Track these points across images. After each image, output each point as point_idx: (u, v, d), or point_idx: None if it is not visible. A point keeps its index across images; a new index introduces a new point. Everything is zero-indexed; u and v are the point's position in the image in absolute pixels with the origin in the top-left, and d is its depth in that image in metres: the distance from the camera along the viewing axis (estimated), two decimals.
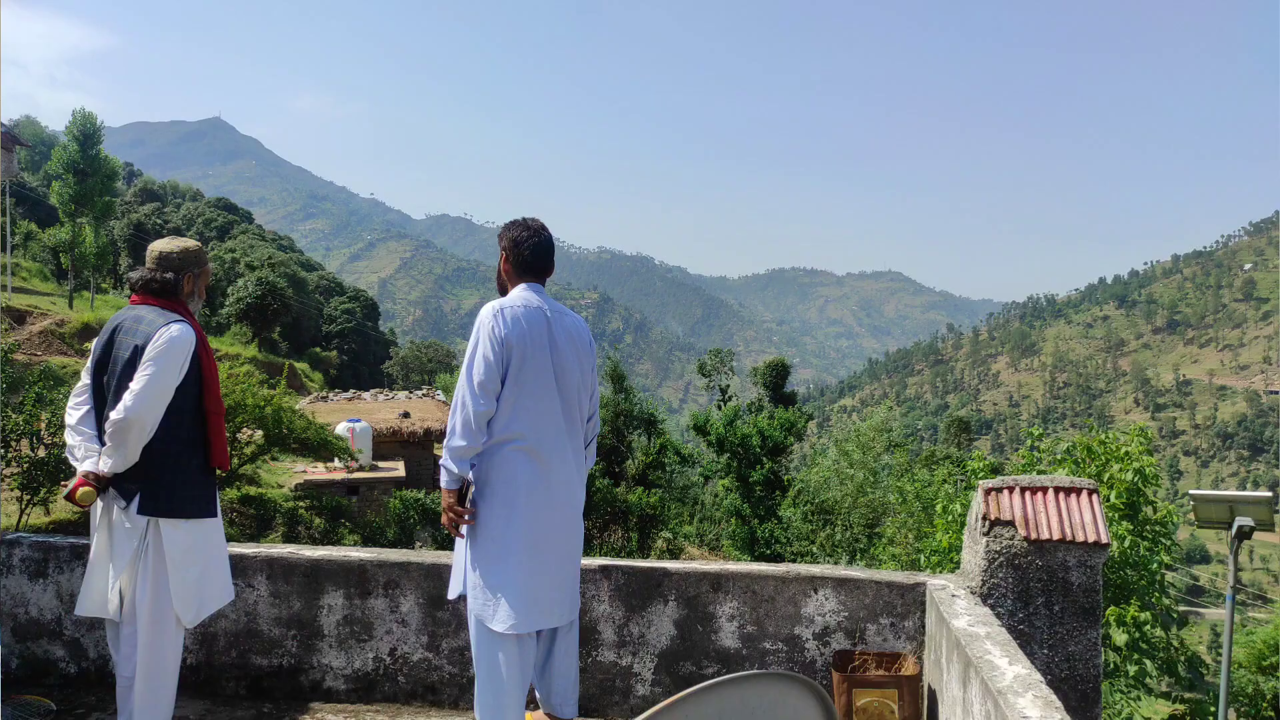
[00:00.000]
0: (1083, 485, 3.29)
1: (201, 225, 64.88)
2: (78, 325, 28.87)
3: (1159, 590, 9.07)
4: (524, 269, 3.23)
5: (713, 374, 33.27)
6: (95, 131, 35.19)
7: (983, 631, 2.83)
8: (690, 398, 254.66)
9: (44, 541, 3.80)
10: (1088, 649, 3.19)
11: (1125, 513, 9.05)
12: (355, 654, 3.71)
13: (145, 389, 3.02)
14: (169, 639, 3.11)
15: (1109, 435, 9.62)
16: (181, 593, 3.10)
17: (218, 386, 3.28)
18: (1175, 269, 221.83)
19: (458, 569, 3.21)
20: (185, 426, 3.15)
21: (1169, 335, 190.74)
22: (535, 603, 3.04)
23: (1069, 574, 3.21)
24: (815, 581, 3.56)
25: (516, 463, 3.05)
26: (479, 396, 2.99)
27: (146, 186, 74.76)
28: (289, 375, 35.17)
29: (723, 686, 1.73)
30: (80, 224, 35.35)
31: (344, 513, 16.84)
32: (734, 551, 23.00)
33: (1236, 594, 9.46)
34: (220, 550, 3.31)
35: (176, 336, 3.10)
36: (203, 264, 3.34)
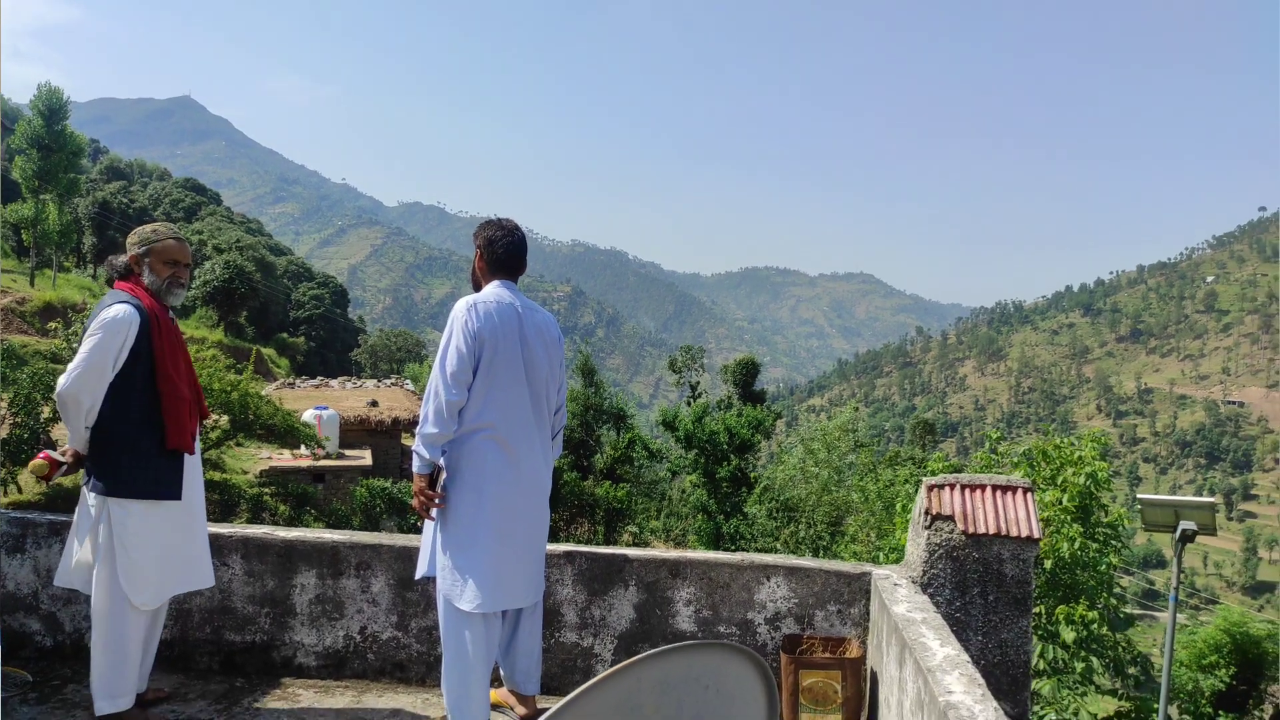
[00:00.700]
0: (1018, 484, 3.53)
1: (169, 205, 63.92)
2: (39, 304, 28.45)
3: (1107, 591, 9.42)
4: (497, 267, 3.40)
5: (683, 370, 33.50)
6: (61, 106, 34.60)
7: (919, 617, 3.05)
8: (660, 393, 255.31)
9: (21, 518, 3.91)
10: (1019, 636, 3.43)
11: (1077, 515, 9.38)
12: (326, 632, 3.86)
13: (76, 366, 3.11)
14: (123, 617, 3.16)
15: (1064, 440, 9.96)
16: (131, 574, 3.15)
17: (174, 367, 3.26)
18: (1140, 279, 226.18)
19: (425, 550, 3.37)
20: (135, 407, 3.18)
21: (1132, 344, 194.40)
22: (501, 584, 3.21)
23: (1003, 566, 3.45)
24: (768, 570, 3.77)
25: (486, 451, 3.22)
26: (451, 386, 3.15)
27: (113, 164, 73.53)
28: (255, 361, 34.87)
29: (669, 654, 1.92)
30: (43, 200, 34.78)
31: (310, 500, 16.83)
32: (699, 546, 23.27)
33: (1179, 595, 9.85)
34: (186, 534, 3.31)
35: (113, 316, 3.15)
36: (150, 244, 3.33)
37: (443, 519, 3.26)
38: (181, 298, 3.42)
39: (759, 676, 2.12)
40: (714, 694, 2.04)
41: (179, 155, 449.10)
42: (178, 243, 3.37)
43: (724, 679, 2.08)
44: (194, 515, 3.38)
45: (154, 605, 3.24)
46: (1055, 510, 9.08)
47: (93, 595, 3.18)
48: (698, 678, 2.02)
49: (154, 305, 3.28)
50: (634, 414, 27.42)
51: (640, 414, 36.16)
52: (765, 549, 21.47)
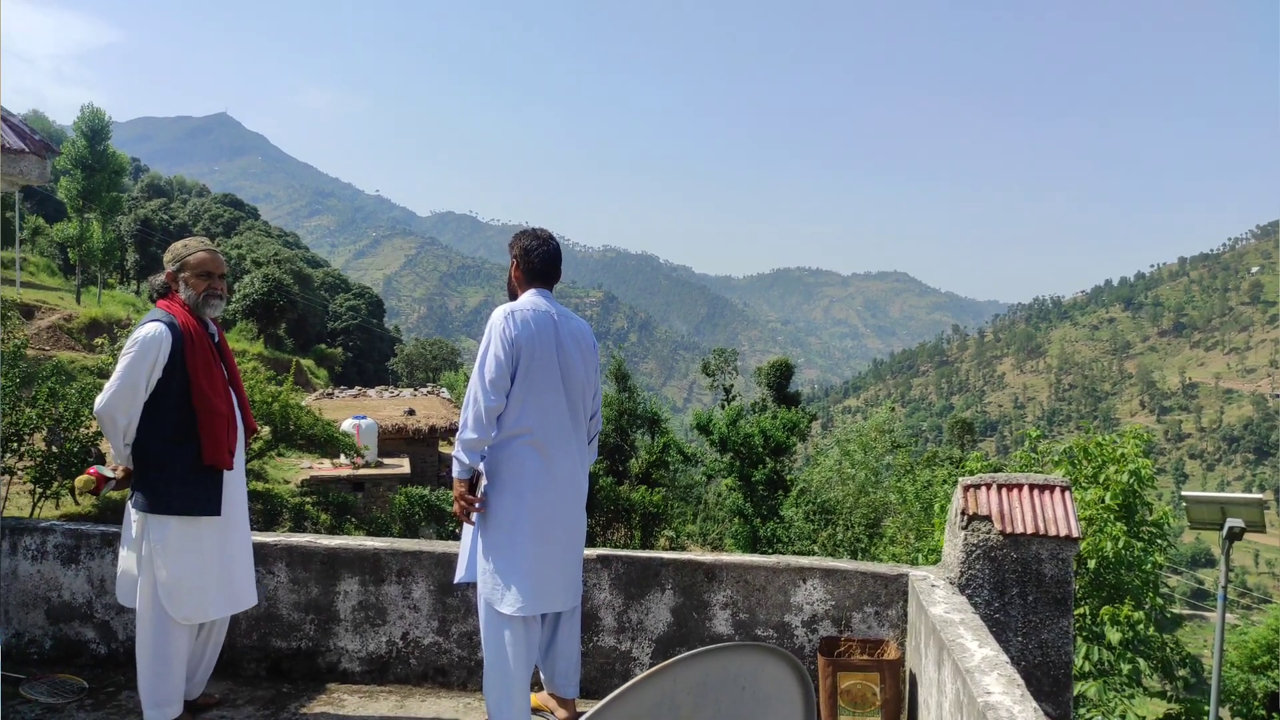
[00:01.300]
0: (1055, 482, 3.50)
1: (208, 221, 65.17)
2: (85, 320, 29.16)
3: (1153, 591, 9.26)
4: (533, 275, 3.47)
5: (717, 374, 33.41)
6: (103, 127, 35.47)
7: (957, 618, 3.04)
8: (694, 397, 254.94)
9: (75, 529, 4.03)
10: (1059, 637, 3.40)
11: (1120, 514, 9.23)
12: (369, 638, 3.93)
13: (110, 385, 3.20)
14: (165, 631, 3.22)
15: (1106, 438, 9.81)
16: (170, 589, 3.20)
17: (208, 383, 3.27)
18: (1182, 271, 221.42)
19: (464, 555, 3.45)
20: (169, 424, 3.23)
21: (1175, 338, 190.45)
22: (541, 587, 3.26)
23: (1042, 566, 3.42)
24: (804, 572, 3.77)
25: (525, 456, 3.28)
26: (490, 393, 3.22)
27: (153, 182, 75.15)
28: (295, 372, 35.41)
29: (706, 656, 1.94)
30: (88, 219, 35.65)
31: (350, 509, 17.07)
32: (736, 550, 23.20)
33: (1228, 594, 9.65)
34: (227, 551, 3.35)
35: (144, 335, 3.22)
36: (183, 259, 3.38)
37: (483, 523, 3.32)
38: (220, 309, 3.46)
39: (796, 678, 2.13)
40: (751, 695, 2.06)
41: (217, 171, 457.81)
42: (209, 254, 3.42)
43: (761, 681, 2.10)
44: (236, 532, 3.42)
45: (195, 620, 3.28)
46: (1098, 509, 8.95)
47: (136, 608, 3.26)
48: (734, 679, 2.04)
49: (190, 321, 3.33)
50: (668, 418, 27.42)
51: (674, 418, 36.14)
52: (802, 552, 21.35)
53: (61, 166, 35.39)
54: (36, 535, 4.00)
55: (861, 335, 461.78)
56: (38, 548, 3.99)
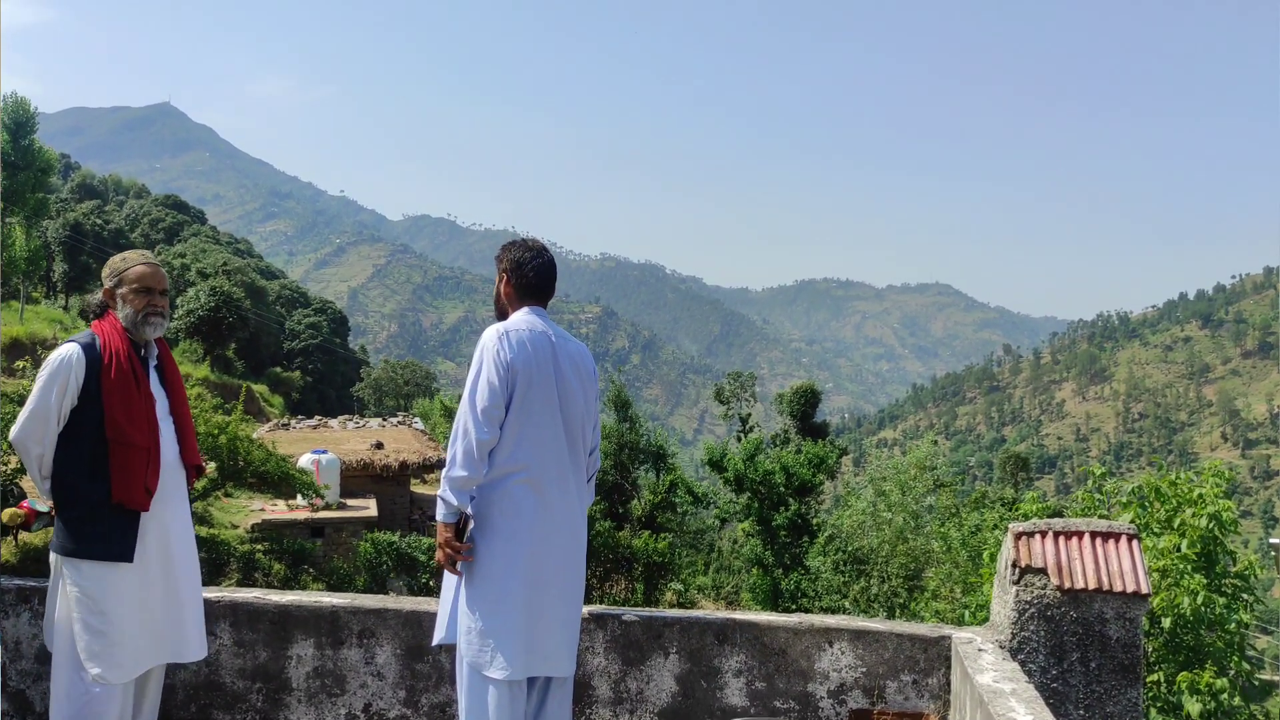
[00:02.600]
0: (1121, 530, 3.49)
1: (147, 226, 65.65)
2: (5, 340, 29.26)
3: (1239, 654, 9.19)
4: (526, 291, 3.49)
5: (731, 400, 33.52)
6: (29, 119, 35.79)
7: (1008, 688, 3.02)
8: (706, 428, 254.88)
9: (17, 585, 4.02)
10: (1127, 709, 3.38)
11: (1199, 564, 9.20)
12: (326, 709, 3.91)
13: (22, 412, 3.26)
14: (79, 693, 3.20)
15: (1182, 476, 9.79)
16: (87, 642, 3.19)
17: (125, 412, 3.27)
18: (1268, 283, 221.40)
19: (445, 612, 3.42)
20: (83, 457, 3.25)
21: (1261, 360, 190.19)
22: (534, 647, 3.26)
23: (1106, 627, 3.40)
24: (831, 633, 3.76)
25: (519, 497, 3.28)
26: (482, 424, 3.20)
27: (85, 181, 75.81)
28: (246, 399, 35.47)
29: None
30: (9, 224, 35.89)
31: (308, 557, 17.03)
32: (755, 606, 23.11)
33: None
34: (157, 601, 3.34)
35: (54, 357, 3.28)
36: (120, 273, 3.41)
37: (469, 574, 3.31)
38: (160, 329, 3.47)
39: None
40: None
41: (158, 169, 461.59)
42: (149, 268, 3.44)
43: None
44: (165, 580, 3.40)
45: (116, 680, 3.24)
46: (1173, 559, 8.89)
47: (52, 663, 3.27)
48: None
49: (118, 343, 3.34)
50: (676, 452, 27.41)
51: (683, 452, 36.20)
52: (831, 608, 21.26)
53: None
54: None
55: (899, 356, 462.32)
56: None
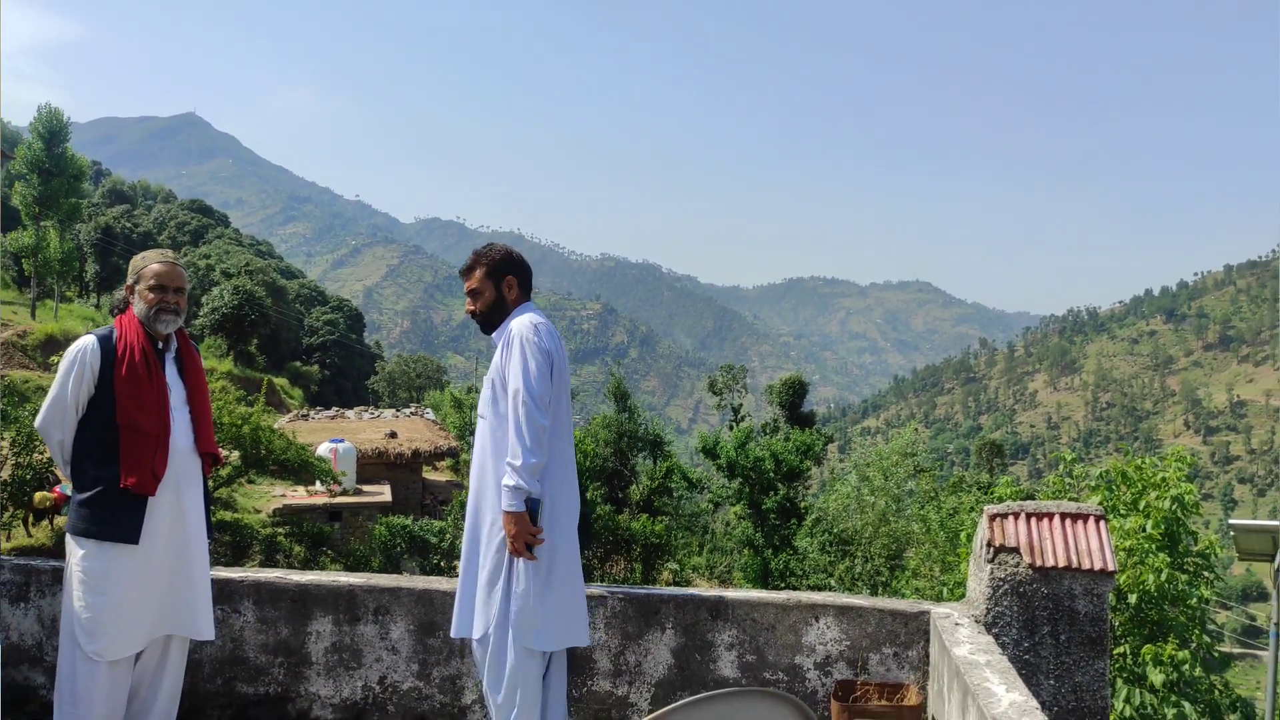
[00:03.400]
0: (1089, 511, 3.49)
1: (174, 229, 65.43)
2: (40, 337, 29.19)
3: (1200, 628, 9.20)
4: (526, 289, 3.60)
5: (724, 392, 33.42)
6: (61, 128, 35.62)
7: (983, 660, 3.02)
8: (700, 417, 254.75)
9: (25, 564, 4.02)
10: (1094, 680, 3.38)
11: (1163, 544, 9.20)
12: (344, 682, 3.91)
13: (45, 401, 3.31)
14: (74, 665, 3.21)
15: (1146, 461, 9.79)
16: (83, 618, 3.20)
17: (135, 401, 3.27)
18: (1228, 280, 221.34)
19: (479, 604, 3.35)
20: (98, 442, 3.27)
21: (1221, 352, 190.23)
22: (575, 620, 3.40)
23: (1075, 602, 3.41)
24: (817, 609, 3.76)
25: (559, 478, 3.38)
26: (543, 411, 3.26)
27: (116, 187, 75.51)
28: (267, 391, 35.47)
29: (707, 702, 1.94)
30: (44, 228, 35.76)
31: (326, 540, 17.05)
32: (746, 584, 23.11)
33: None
34: (160, 583, 3.32)
35: (72, 349, 3.33)
36: (138, 271, 3.43)
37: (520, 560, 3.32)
38: (173, 324, 3.45)
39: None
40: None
41: (184, 175, 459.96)
42: (165, 266, 3.44)
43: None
44: (187, 562, 3.40)
45: (111, 656, 3.23)
46: (1139, 539, 8.90)
47: (59, 640, 3.29)
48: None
49: (135, 336, 3.36)
50: (671, 440, 27.39)
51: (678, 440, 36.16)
52: (818, 586, 21.28)
53: (16, 171, 35.55)
54: None
55: (881, 350, 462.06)
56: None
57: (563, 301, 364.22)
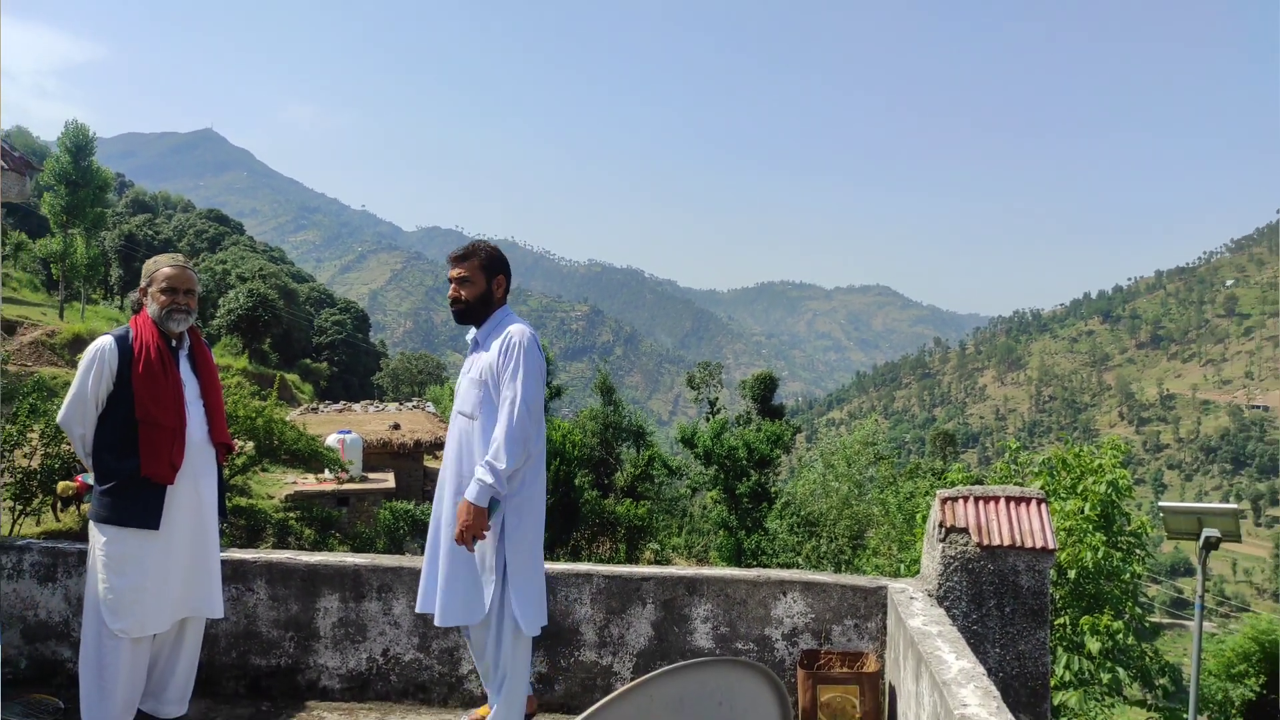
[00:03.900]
0: (1032, 495, 3.52)
1: (193, 236, 64.81)
2: (68, 336, 28.89)
3: (1132, 600, 9.30)
4: (507, 294, 3.54)
5: (702, 387, 33.42)
6: (87, 143, 35.29)
7: (935, 630, 3.04)
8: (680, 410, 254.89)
9: (52, 547, 3.98)
10: (1036, 648, 3.41)
11: (1099, 524, 9.29)
12: (350, 654, 3.89)
13: (66, 397, 3.29)
14: (100, 643, 3.18)
15: (1084, 449, 9.87)
16: (108, 599, 3.18)
17: (152, 396, 3.23)
18: (1158, 284, 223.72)
19: (471, 591, 3.27)
20: (116, 435, 3.23)
21: (1153, 350, 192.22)
22: (544, 603, 3.43)
23: (1019, 578, 3.43)
24: (785, 585, 3.77)
25: (538, 475, 3.36)
26: (536, 420, 3.21)
27: (138, 197, 74.74)
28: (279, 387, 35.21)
29: (683, 671, 1.94)
30: (71, 235, 35.39)
31: (334, 524, 16.95)
32: (720, 563, 23.16)
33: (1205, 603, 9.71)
34: (172, 565, 3.29)
35: (91, 348, 3.30)
36: (150, 274, 3.38)
37: (515, 551, 3.26)
38: (184, 325, 3.40)
39: (772, 693, 2.13)
40: (728, 710, 2.05)
41: (202, 187, 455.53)
42: (176, 270, 3.39)
43: (738, 695, 2.09)
44: (189, 546, 3.36)
45: (135, 634, 3.21)
46: (1077, 520, 8.99)
47: (82, 618, 3.26)
48: (711, 694, 2.03)
49: (149, 335, 3.31)
50: (653, 431, 27.41)
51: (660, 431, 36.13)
52: (787, 564, 21.35)
53: (45, 182, 35.16)
54: (13, 554, 3.94)
55: (845, 348, 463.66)
56: (14, 566, 3.94)
57: (553, 304, 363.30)
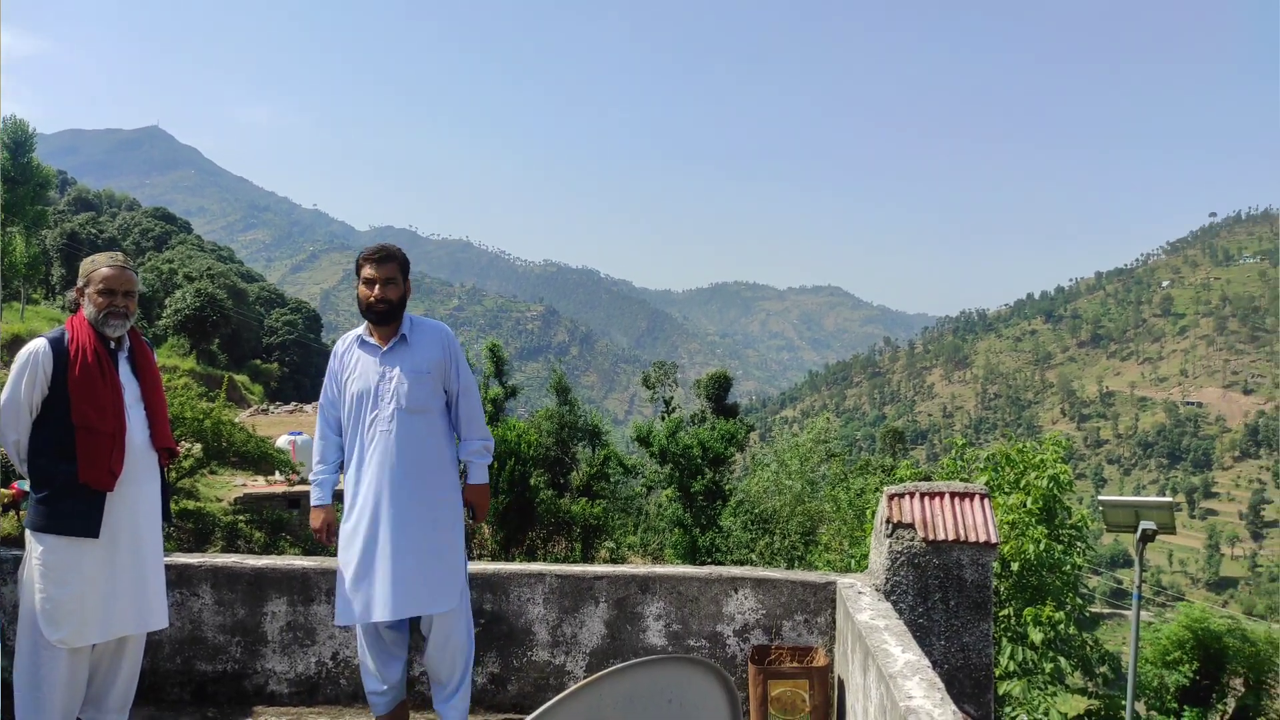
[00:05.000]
0: (975, 490, 3.58)
1: (138, 235, 63.19)
2: (7, 337, 27.95)
3: (1073, 591, 9.53)
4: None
5: (657, 386, 33.44)
6: (27, 139, 34.31)
7: (882, 624, 3.08)
8: (635, 409, 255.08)
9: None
10: (980, 640, 3.48)
11: (1041, 518, 9.50)
12: (298, 658, 3.82)
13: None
14: (37, 653, 3.08)
15: (1027, 445, 10.10)
16: (45, 609, 3.07)
17: (90, 401, 3.12)
18: (1098, 285, 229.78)
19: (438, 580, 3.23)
20: (54, 441, 3.11)
21: (1093, 349, 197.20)
22: None
23: (963, 571, 3.50)
24: (736, 582, 3.79)
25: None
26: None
27: (81, 195, 72.64)
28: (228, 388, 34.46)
29: (632, 669, 1.93)
30: (10, 233, 34.30)
31: (285, 526, 16.64)
32: (676, 561, 23.21)
33: (1142, 593, 9.99)
34: (118, 574, 3.18)
35: (23, 351, 3.17)
36: (88, 274, 3.24)
37: (462, 535, 3.38)
38: (122, 328, 3.26)
39: (722, 690, 2.13)
40: (677, 708, 2.05)
41: (148, 185, 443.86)
42: (114, 271, 3.23)
43: (687, 693, 2.09)
44: (130, 554, 3.24)
45: (74, 644, 3.11)
46: (1020, 513, 9.18)
47: (17, 627, 3.15)
48: (661, 692, 2.03)
49: (85, 337, 3.18)
50: (609, 430, 27.31)
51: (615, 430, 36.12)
52: (741, 561, 21.48)
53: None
54: None
55: (797, 348, 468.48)
56: None
57: (508, 304, 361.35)
